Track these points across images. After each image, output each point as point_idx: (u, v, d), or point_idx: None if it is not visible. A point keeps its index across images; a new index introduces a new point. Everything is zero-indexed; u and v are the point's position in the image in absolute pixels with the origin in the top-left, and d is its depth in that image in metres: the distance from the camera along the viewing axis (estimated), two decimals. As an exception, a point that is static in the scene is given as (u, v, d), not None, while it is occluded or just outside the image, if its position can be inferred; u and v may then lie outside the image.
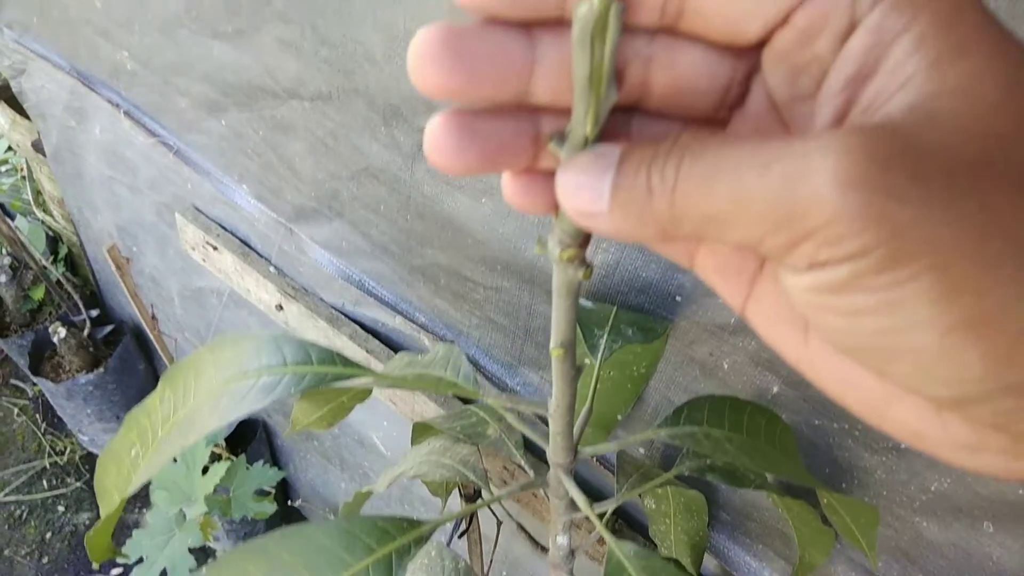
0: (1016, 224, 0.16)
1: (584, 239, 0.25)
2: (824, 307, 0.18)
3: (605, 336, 0.50)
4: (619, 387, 0.63)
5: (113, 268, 1.00)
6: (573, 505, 0.49)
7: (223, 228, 1.04)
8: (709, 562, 0.75)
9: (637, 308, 0.60)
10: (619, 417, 0.64)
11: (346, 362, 0.36)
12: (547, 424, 0.41)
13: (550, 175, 0.23)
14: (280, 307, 1.00)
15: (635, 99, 0.22)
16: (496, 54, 0.20)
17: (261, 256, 1.01)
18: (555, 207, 0.23)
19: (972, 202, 0.16)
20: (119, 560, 0.58)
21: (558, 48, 0.20)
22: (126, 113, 1.02)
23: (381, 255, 0.82)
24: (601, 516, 0.53)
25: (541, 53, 0.20)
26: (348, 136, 0.72)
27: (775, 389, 0.57)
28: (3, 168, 1.90)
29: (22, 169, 1.89)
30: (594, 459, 0.78)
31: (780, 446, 0.50)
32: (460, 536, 0.88)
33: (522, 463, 0.62)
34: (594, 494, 0.79)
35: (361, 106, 0.68)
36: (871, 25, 0.18)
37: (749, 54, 0.21)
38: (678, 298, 0.57)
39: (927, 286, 0.16)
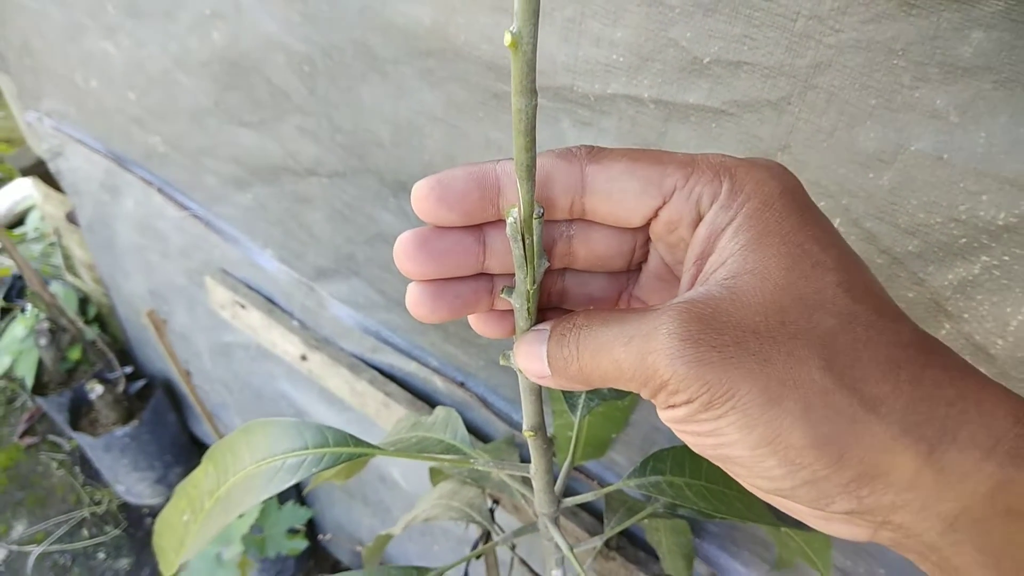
0: (788, 372, 0.22)
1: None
2: (681, 432, 0.25)
3: (583, 396, 0.57)
4: (608, 415, 0.71)
5: (152, 330, 1.08)
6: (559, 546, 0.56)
7: (250, 288, 1.12)
8: (701, 568, 0.82)
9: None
10: (612, 436, 0.71)
11: (358, 442, 0.44)
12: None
13: (504, 313, 0.31)
14: (304, 357, 1.08)
15: (566, 263, 0.30)
16: (456, 248, 0.28)
17: (285, 312, 1.09)
18: (510, 332, 0.31)
19: (756, 360, 0.22)
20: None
21: (501, 237, 0.28)
22: (159, 189, 1.11)
23: (395, 308, 0.90)
24: (595, 548, 0.61)
25: (490, 240, 0.28)
26: (362, 207, 0.81)
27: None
28: (35, 236, 2.00)
29: (49, 236, 1.99)
30: (595, 482, 0.85)
31: (737, 488, 0.57)
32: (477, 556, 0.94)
33: (521, 503, 0.69)
34: (594, 511, 0.86)
35: (372, 182, 0.77)
36: (708, 219, 0.26)
37: (641, 231, 0.29)
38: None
39: (733, 420, 0.23)
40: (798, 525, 0.65)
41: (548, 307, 0.32)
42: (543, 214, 0.26)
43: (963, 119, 0.41)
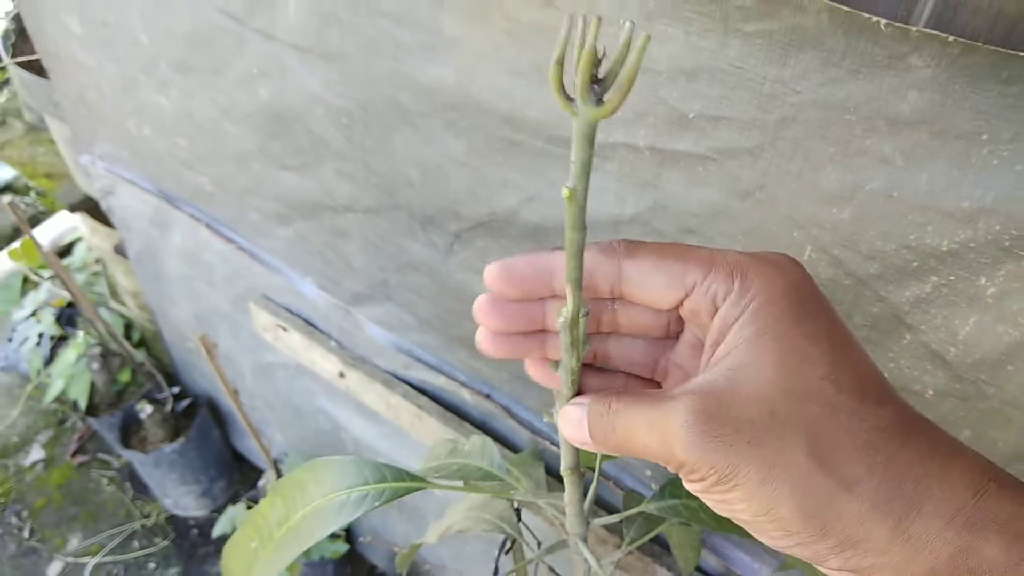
0: (778, 456, 0.27)
1: None
2: (701, 497, 0.30)
3: None
4: None
5: (203, 352, 1.16)
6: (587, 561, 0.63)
7: (291, 312, 1.20)
8: (711, 558, 0.88)
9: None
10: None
11: (413, 477, 0.51)
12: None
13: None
14: (342, 375, 1.16)
15: (611, 329, 0.36)
16: (518, 313, 0.34)
17: (324, 333, 1.17)
18: (554, 384, 0.37)
19: (752, 447, 0.27)
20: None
21: (555, 308, 0.34)
22: (206, 225, 1.20)
23: (425, 328, 0.98)
24: (616, 561, 0.67)
25: (547, 309, 0.34)
26: (393, 239, 0.89)
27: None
28: (79, 267, 2.10)
29: (90, 265, 2.09)
30: (611, 482, 0.91)
31: None
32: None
33: (549, 519, 0.75)
34: (607, 506, 0.93)
35: (403, 217, 0.84)
36: (721, 312, 0.30)
37: (674, 310, 0.33)
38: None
39: (737, 495, 0.27)
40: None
41: (593, 366, 0.37)
42: (588, 313, 0.33)
43: (908, 163, 0.47)
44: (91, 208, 1.81)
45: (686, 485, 0.30)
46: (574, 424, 0.33)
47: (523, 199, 0.70)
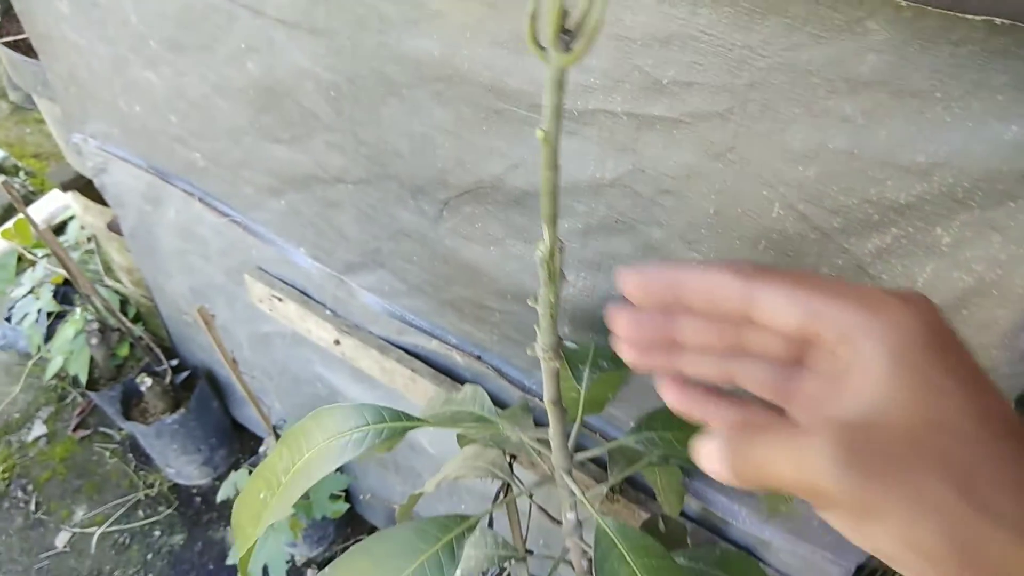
0: (923, 491, 0.26)
1: (558, 351, 0.44)
2: (836, 527, 0.30)
3: (587, 370, 0.67)
4: (606, 381, 0.81)
5: (202, 324, 1.18)
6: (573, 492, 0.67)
7: (285, 283, 1.22)
8: (693, 503, 0.92)
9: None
10: (609, 396, 0.81)
11: (408, 417, 0.54)
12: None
13: (685, 384, 0.38)
14: (338, 342, 1.19)
15: (738, 351, 0.36)
16: (652, 322, 0.36)
17: (318, 303, 1.20)
18: (688, 407, 0.38)
19: (897, 481, 0.26)
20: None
21: (690, 324, 0.36)
22: (199, 199, 1.21)
23: (417, 294, 1.01)
24: (601, 494, 0.71)
25: (679, 323, 0.36)
26: (385, 208, 0.91)
27: (717, 366, 0.74)
28: (72, 244, 2.11)
29: (83, 243, 2.10)
30: (597, 435, 0.95)
31: None
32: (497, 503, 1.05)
33: (538, 460, 0.79)
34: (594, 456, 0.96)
35: (393, 186, 0.86)
36: (856, 344, 0.30)
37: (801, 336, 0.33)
38: (640, 307, 0.75)
39: (882, 527, 0.27)
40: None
41: (727, 390, 0.38)
42: (563, 248, 0.35)
43: (867, 121, 0.50)
44: (83, 187, 1.81)
45: (826, 518, 0.30)
46: (711, 457, 0.33)
47: (508, 166, 0.73)
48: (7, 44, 1.40)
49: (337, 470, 1.52)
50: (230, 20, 0.84)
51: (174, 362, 1.82)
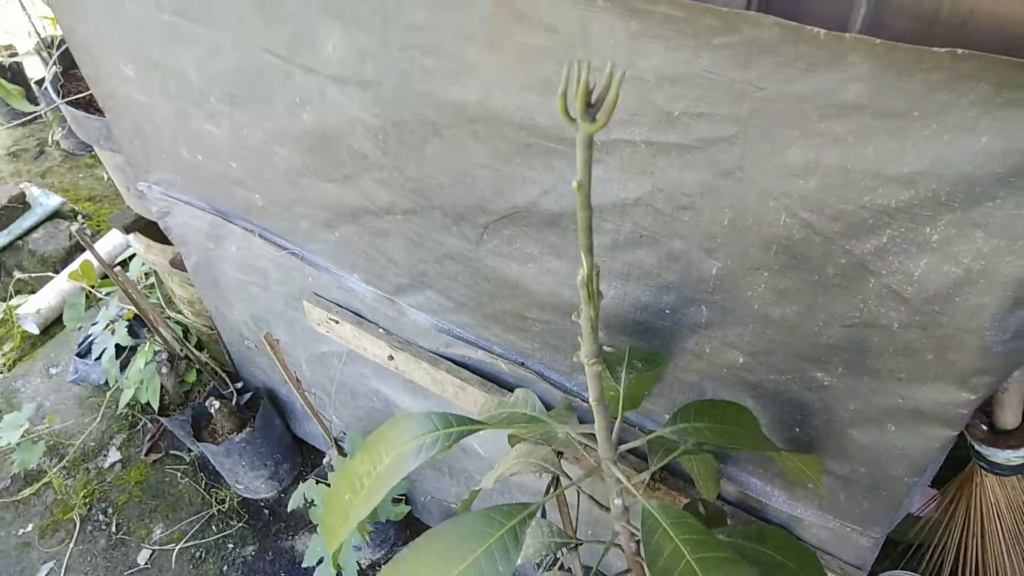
0: None
1: (599, 357, 0.50)
2: None
3: (624, 371, 0.74)
4: (641, 381, 0.87)
5: (268, 349, 1.27)
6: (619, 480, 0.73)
7: (340, 307, 1.31)
8: (730, 487, 0.98)
9: (643, 331, 0.84)
10: (645, 393, 0.88)
11: (473, 421, 0.61)
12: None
13: None
14: (391, 357, 1.27)
15: None
16: None
17: (372, 323, 1.28)
18: None
19: None
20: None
21: None
22: (259, 235, 1.30)
23: (462, 310, 1.08)
24: (644, 481, 0.77)
25: None
26: (430, 234, 0.98)
27: (740, 360, 0.80)
28: (133, 280, 2.22)
29: (142, 280, 2.21)
30: (636, 428, 1.01)
31: (744, 426, 0.73)
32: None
33: (584, 454, 0.86)
34: (637, 451, 1.02)
35: (437, 215, 0.94)
36: None
37: None
38: (667, 311, 0.81)
39: None
40: (795, 451, 0.81)
41: None
42: (599, 271, 0.42)
43: (856, 139, 0.56)
44: (143, 228, 1.92)
45: None
46: None
47: (540, 192, 0.80)
48: (70, 103, 1.50)
49: (395, 476, 1.60)
50: (285, 77, 0.93)
51: (239, 385, 1.92)
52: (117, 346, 2.04)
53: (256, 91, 0.99)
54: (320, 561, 1.34)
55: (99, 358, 2.01)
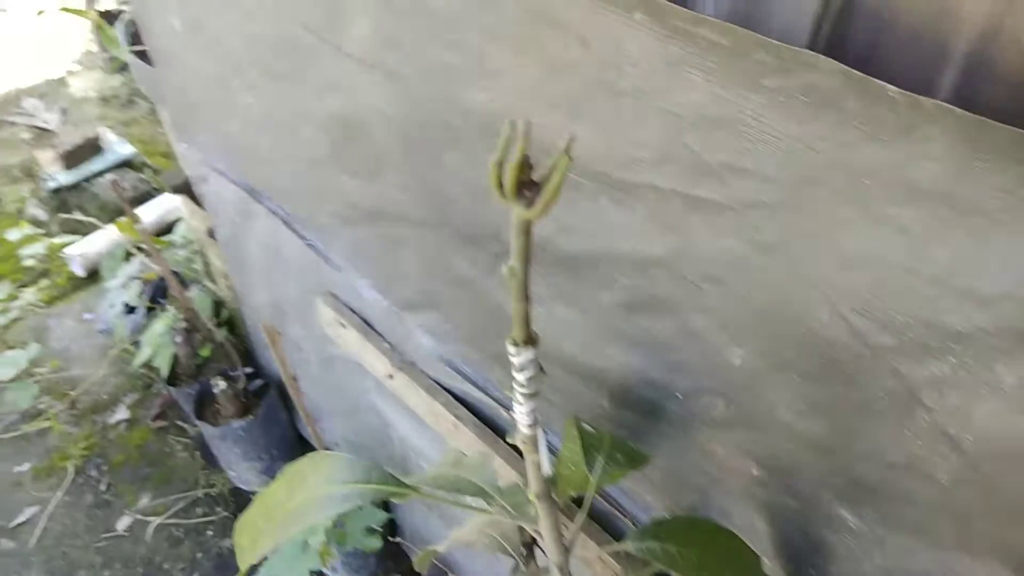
0: None
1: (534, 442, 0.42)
2: None
3: (601, 461, 0.64)
4: (618, 475, 0.76)
5: (267, 339, 1.22)
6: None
7: (351, 311, 1.25)
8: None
9: (648, 411, 0.74)
10: (620, 479, 0.76)
11: (398, 483, 0.53)
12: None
13: None
14: (391, 376, 1.19)
15: None
16: None
17: (379, 335, 1.21)
18: None
19: None
20: None
21: None
22: (283, 220, 1.26)
23: (468, 342, 1.00)
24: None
25: None
26: (442, 252, 0.91)
27: (755, 472, 0.69)
28: (181, 244, 2.24)
29: (190, 244, 2.23)
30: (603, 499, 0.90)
31: (738, 563, 0.62)
32: None
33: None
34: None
35: (450, 233, 0.86)
36: None
37: None
38: (678, 395, 0.71)
39: None
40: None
41: None
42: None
43: (926, 235, 0.46)
44: (191, 191, 1.93)
45: None
46: None
47: (556, 229, 0.71)
48: (136, 52, 1.51)
49: (379, 505, 1.52)
50: (315, 55, 0.87)
51: (249, 369, 1.89)
52: (150, 308, 2.05)
53: (290, 66, 0.95)
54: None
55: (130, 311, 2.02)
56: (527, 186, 0.28)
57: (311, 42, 0.87)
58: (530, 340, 0.34)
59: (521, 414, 0.37)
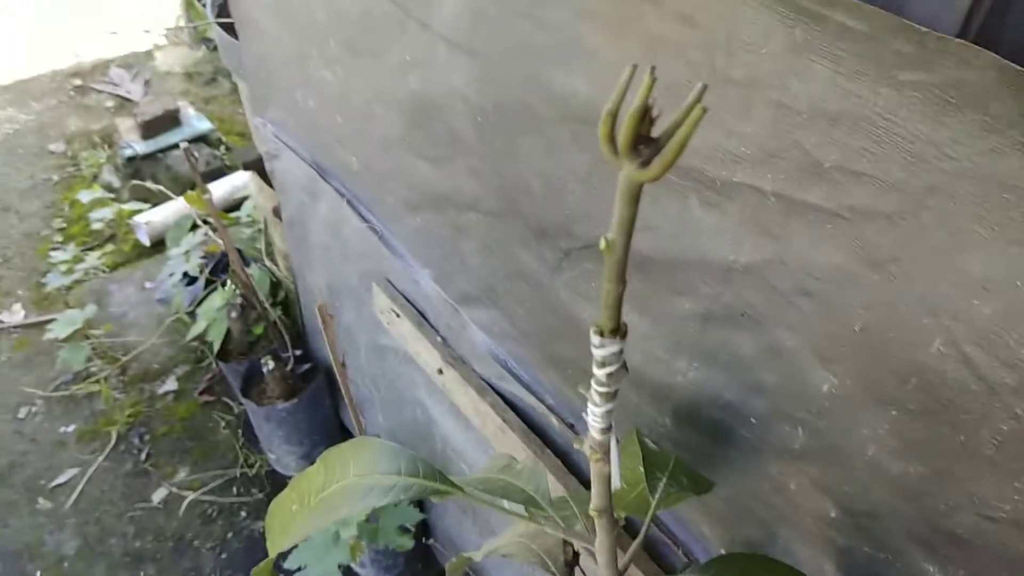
0: None
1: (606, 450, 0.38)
2: None
3: (664, 482, 0.60)
4: (680, 498, 0.72)
5: (319, 321, 1.21)
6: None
7: (406, 300, 1.22)
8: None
9: (717, 434, 0.69)
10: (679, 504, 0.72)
11: (445, 480, 0.49)
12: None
13: None
14: (441, 371, 1.16)
15: None
16: None
17: (432, 327, 1.18)
18: None
19: None
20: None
21: None
22: (348, 201, 1.24)
23: (524, 342, 0.96)
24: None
25: None
26: (508, 245, 0.87)
27: (832, 514, 0.63)
28: (247, 222, 2.26)
29: (258, 223, 2.24)
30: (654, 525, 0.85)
31: None
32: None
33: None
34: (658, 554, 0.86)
35: (519, 224, 0.83)
36: None
37: None
38: (753, 419, 0.66)
39: None
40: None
41: None
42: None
43: (1075, 262, 0.40)
44: (261, 169, 1.94)
45: None
46: None
47: (636, 227, 0.66)
48: (222, 25, 1.52)
49: (415, 504, 1.49)
50: (401, 31, 0.85)
51: (299, 351, 1.88)
52: (210, 281, 2.06)
53: (372, 42, 0.93)
54: (299, 569, 1.25)
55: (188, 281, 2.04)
56: (644, 142, 0.23)
57: (398, 17, 0.84)
58: (618, 330, 0.30)
59: (595, 416, 0.33)
